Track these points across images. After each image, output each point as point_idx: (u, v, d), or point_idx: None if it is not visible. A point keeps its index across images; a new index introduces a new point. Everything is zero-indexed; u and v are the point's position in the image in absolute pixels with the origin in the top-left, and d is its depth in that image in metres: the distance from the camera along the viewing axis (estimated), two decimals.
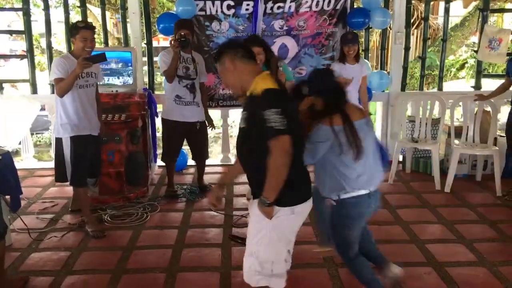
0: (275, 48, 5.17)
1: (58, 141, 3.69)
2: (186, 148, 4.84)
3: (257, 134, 2.08)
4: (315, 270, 3.08)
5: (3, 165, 3.18)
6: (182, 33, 4.10)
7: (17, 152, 5.98)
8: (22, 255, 3.42)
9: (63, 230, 3.81)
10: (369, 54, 5.88)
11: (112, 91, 4.50)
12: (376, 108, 5.97)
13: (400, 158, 5.31)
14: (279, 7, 5.08)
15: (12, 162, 3.42)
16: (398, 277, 2.67)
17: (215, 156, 6.47)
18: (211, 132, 7.96)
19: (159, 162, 5.00)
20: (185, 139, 4.52)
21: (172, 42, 4.10)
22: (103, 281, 3.08)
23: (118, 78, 4.65)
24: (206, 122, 4.55)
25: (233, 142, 6.10)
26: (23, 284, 3.04)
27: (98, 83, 3.83)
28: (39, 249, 3.52)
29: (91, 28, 3.55)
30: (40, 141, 10.62)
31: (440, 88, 5.77)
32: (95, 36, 3.64)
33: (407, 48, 5.53)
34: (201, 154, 4.64)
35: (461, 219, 4.04)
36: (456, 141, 4.80)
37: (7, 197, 3.37)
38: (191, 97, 4.29)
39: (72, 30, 3.54)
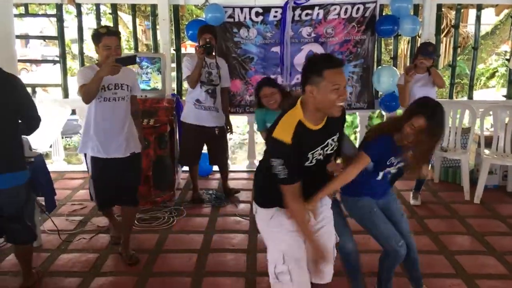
0: (302, 55, 5.17)
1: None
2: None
3: None
4: (340, 278, 3.05)
5: (36, 167, 3.27)
6: (207, 39, 4.13)
7: (47, 155, 6.11)
8: (51, 255, 3.50)
9: (91, 232, 3.87)
10: (397, 62, 5.81)
11: (141, 96, 4.56)
12: None
13: (429, 167, 5.22)
14: (307, 14, 5.08)
15: (44, 164, 3.51)
16: None
17: (240, 162, 6.49)
18: (236, 139, 8.03)
19: (186, 167, 5.01)
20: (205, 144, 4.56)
21: (197, 49, 4.12)
22: (130, 284, 3.12)
23: (147, 83, 4.72)
24: (226, 127, 4.57)
25: (258, 149, 6.13)
26: (39, 277, 3.16)
27: (136, 95, 3.41)
28: (68, 250, 3.59)
29: (114, 34, 3.14)
30: (69, 145, 10.85)
31: (470, 97, 5.68)
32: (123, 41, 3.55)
33: (437, 56, 5.45)
34: (219, 159, 4.66)
35: (491, 230, 3.95)
36: (486, 151, 4.70)
37: (40, 198, 3.46)
38: (211, 102, 4.30)
39: (94, 37, 3.13)
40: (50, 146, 5.71)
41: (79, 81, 3.11)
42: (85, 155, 3.43)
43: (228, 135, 4.76)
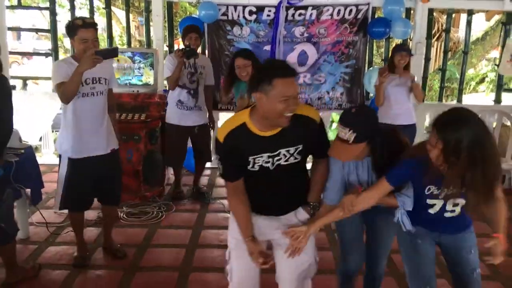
0: (294, 55, 5.20)
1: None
2: None
3: None
4: (325, 277, 3.07)
5: (25, 159, 3.26)
6: (187, 43, 4.13)
7: (37, 149, 6.08)
8: (39, 248, 3.49)
9: None
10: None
11: (133, 91, 4.57)
12: None
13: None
14: (300, 14, 5.11)
15: (34, 156, 3.51)
16: None
17: None
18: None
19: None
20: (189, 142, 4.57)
21: (177, 52, 4.10)
22: (117, 277, 3.13)
23: (139, 78, 4.71)
24: (210, 123, 4.59)
25: None
26: (35, 272, 3.10)
27: (112, 88, 3.27)
28: (56, 243, 3.59)
29: (91, 25, 2.88)
30: None
31: (459, 101, 5.74)
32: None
33: (427, 59, 5.51)
34: (200, 156, 4.63)
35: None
36: None
37: (28, 190, 3.45)
38: (193, 102, 4.30)
39: (68, 30, 2.89)
40: (40, 140, 5.70)
41: (55, 78, 2.88)
42: (60, 156, 3.17)
43: (212, 132, 4.73)
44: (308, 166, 2.25)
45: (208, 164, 5.46)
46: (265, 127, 1.99)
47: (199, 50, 4.51)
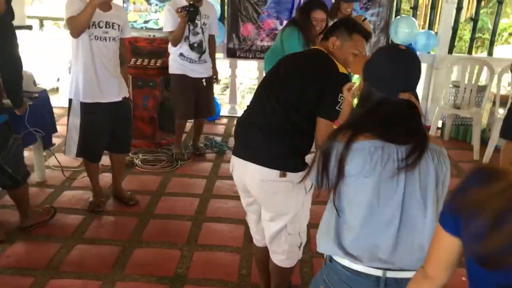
0: None
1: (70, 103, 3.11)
2: (218, 97, 4.77)
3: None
4: None
5: (40, 103, 3.23)
6: (191, 2, 3.72)
7: (57, 90, 6.05)
8: (55, 191, 3.53)
9: None
10: (418, 13, 5.58)
11: (149, 35, 4.44)
12: None
13: (440, 124, 5.12)
14: None
15: (48, 100, 3.48)
16: None
17: None
18: (247, 84, 7.92)
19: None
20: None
21: (179, 11, 3.69)
22: (131, 224, 3.15)
23: (157, 23, 4.58)
24: (213, 76, 4.21)
25: None
26: (50, 216, 3.11)
27: (126, 37, 3.20)
28: (71, 187, 3.62)
29: None
30: None
31: (490, 53, 5.47)
32: None
33: (459, 8, 5.20)
34: (204, 111, 4.25)
35: None
36: (501, 111, 4.57)
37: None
38: (196, 56, 3.94)
39: None
40: (58, 80, 5.66)
41: (67, 12, 2.83)
42: (70, 102, 3.08)
43: (215, 85, 4.41)
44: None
45: (225, 112, 5.43)
46: None
47: None
